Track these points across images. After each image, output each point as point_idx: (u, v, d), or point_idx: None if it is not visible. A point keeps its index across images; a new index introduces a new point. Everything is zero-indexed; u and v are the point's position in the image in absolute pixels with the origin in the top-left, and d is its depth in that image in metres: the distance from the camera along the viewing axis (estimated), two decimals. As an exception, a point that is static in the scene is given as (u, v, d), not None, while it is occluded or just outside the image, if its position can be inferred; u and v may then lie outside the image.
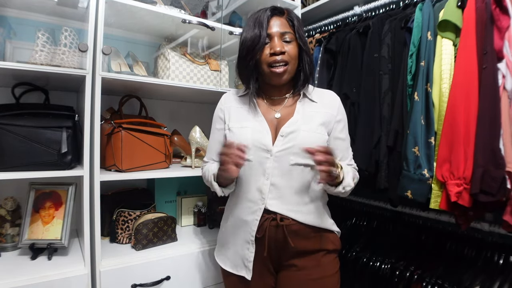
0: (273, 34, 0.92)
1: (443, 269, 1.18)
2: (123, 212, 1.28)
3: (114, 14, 1.21)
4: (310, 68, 0.97)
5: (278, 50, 0.90)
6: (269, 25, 0.93)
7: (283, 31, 0.92)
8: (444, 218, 1.22)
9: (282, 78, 0.94)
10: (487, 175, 0.91)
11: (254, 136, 0.93)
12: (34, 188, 1.15)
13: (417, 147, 1.05)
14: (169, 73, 1.31)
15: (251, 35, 0.92)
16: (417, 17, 1.12)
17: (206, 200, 1.60)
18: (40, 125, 1.02)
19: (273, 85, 0.98)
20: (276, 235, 0.91)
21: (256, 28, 0.92)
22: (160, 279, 1.14)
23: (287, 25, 0.94)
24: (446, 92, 1.03)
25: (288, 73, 0.94)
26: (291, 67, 0.93)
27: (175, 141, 1.47)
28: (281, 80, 0.94)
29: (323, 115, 0.97)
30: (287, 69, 0.93)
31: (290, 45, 0.93)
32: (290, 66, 0.93)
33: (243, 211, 0.95)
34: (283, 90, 1.00)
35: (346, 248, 1.41)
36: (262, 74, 0.96)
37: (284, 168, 0.91)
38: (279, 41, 0.92)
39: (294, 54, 0.93)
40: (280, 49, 0.90)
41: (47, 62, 1.02)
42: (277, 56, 0.91)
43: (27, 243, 1.09)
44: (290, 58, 0.92)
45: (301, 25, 0.97)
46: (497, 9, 0.97)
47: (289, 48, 0.92)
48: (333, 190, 0.91)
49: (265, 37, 0.91)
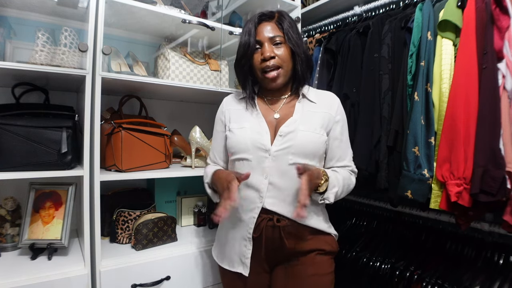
0: (263, 40, 0.95)
1: (443, 269, 1.18)
2: (123, 212, 1.28)
3: (114, 14, 1.21)
4: (305, 68, 0.98)
5: (268, 55, 0.93)
6: (258, 31, 0.96)
7: (272, 35, 0.94)
8: (444, 218, 1.22)
9: (276, 82, 0.95)
10: (487, 175, 0.91)
11: (253, 135, 0.94)
12: (34, 188, 1.15)
13: (417, 147, 1.05)
14: (169, 73, 1.31)
15: (243, 42, 0.97)
16: (417, 17, 1.12)
17: (206, 200, 1.60)
18: (40, 125, 1.02)
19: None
20: (273, 236, 0.92)
21: (246, 35, 0.96)
22: (160, 279, 1.13)
23: (277, 29, 0.96)
24: (446, 92, 1.03)
25: (282, 76, 0.95)
26: (284, 69, 0.95)
27: (175, 141, 1.47)
28: (276, 84, 0.96)
29: (322, 115, 0.97)
30: (280, 73, 0.94)
31: (281, 48, 0.94)
32: (284, 69, 0.95)
33: (241, 209, 0.96)
34: (282, 90, 1.01)
35: (346, 248, 1.41)
36: (258, 79, 0.99)
37: (282, 167, 0.92)
38: (269, 46, 0.94)
39: (286, 57, 0.94)
40: (269, 54, 0.93)
41: (47, 62, 1.02)
42: (268, 62, 0.93)
43: (27, 243, 1.09)
44: (281, 61, 0.94)
45: (293, 27, 0.97)
46: (497, 9, 0.97)
47: (280, 52, 0.94)
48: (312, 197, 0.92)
49: (254, 44, 0.95)
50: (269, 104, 1.01)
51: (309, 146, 0.92)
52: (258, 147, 0.93)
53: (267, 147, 0.92)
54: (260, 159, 0.93)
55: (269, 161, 0.92)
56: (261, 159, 0.92)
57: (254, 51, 0.95)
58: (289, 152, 0.91)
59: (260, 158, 0.93)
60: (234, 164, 0.99)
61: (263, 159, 0.92)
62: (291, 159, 0.91)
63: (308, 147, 0.92)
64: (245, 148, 0.94)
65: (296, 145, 0.91)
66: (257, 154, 0.93)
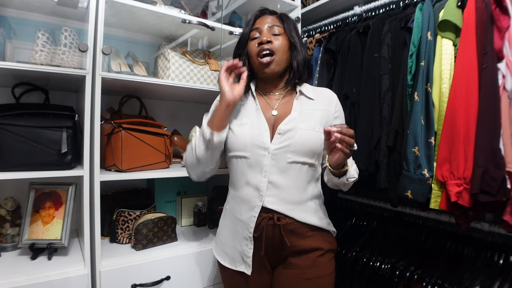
0: (261, 28, 0.97)
1: (443, 269, 1.18)
2: (123, 212, 1.28)
3: (114, 14, 1.21)
4: (302, 64, 0.98)
5: (265, 39, 0.95)
6: (258, 21, 0.99)
7: (271, 24, 0.97)
8: (444, 218, 1.22)
9: (270, 67, 0.96)
10: (487, 175, 0.91)
11: (252, 133, 0.94)
12: (34, 188, 1.15)
13: (417, 147, 1.05)
14: (169, 73, 1.31)
15: (243, 32, 1.02)
16: (417, 17, 1.11)
17: (206, 200, 1.60)
18: (40, 125, 1.02)
19: (267, 80, 1.01)
20: (273, 235, 0.92)
21: (246, 25, 1.01)
22: (160, 279, 1.14)
23: (277, 21, 0.99)
24: (446, 92, 1.03)
25: (276, 64, 0.96)
26: (278, 57, 0.96)
27: (175, 141, 1.47)
28: (269, 69, 0.96)
29: (321, 112, 0.97)
30: (273, 59, 0.95)
31: (278, 38, 0.97)
32: (278, 57, 0.95)
33: (241, 208, 0.96)
34: (277, 84, 1.02)
35: (346, 248, 1.41)
36: (254, 68, 1.00)
37: (282, 166, 0.92)
38: (268, 33, 0.97)
39: (282, 46, 0.96)
40: (266, 38, 0.95)
41: (47, 62, 1.02)
42: (264, 45, 0.95)
43: (27, 243, 1.09)
44: (276, 49, 0.95)
45: (293, 25, 1.00)
46: (497, 9, 0.97)
47: (278, 41, 0.96)
48: (336, 180, 0.93)
49: (250, 30, 0.98)
50: (266, 101, 1.01)
51: (307, 144, 0.92)
52: (257, 145, 0.92)
53: (266, 145, 0.92)
54: (259, 157, 0.92)
55: (267, 159, 0.92)
56: (259, 157, 0.92)
57: (252, 39, 0.98)
58: (287, 151, 0.91)
59: (258, 156, 0.92)
60: (231, 162, 0.99)
61: (262, 157, 0.92)
62: (290, 157, 0.91)
63: (306, 145, 0.92)
64: (243, 145, 0.94)
65: (295, 143, 0.91)
66: (255, 152, 0.93)
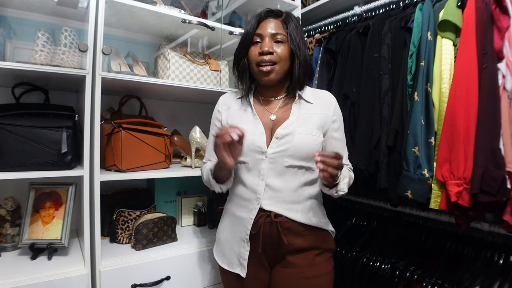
0: (264, 35, 0.94)
1: (443, 269, 1.18)
2: (123, 212, 1.28)
3: (114, 14, 1.21)
4: (303, 72, 0.95)
5: (266, 50, 0.92)
6: (261, 25, 0.95)
7: (274, 32, 0.93)
8: (444, 218, 1.22)
9: (269, 77, 0.94)
10: (487, 175, 0.91)
11: (249, 137, 0.93)
12: (34, 188, 1.15)
13: (417, 147, 1.05)
14: (169, 73, 1.31)
15: (244, 34, 0.97)
16: (417, 17, 1.11)
17: (206, 200, 1.60)
18: (40, 125, 1.02)
19: (266, 86, 0.99)
20: (271, 232, 0.92)
21: (249, 27, 0.96)
22: (160, 279, 1.14)
23: (281, 27, 0.95)
24: (446, 92, 1.03)
25: (276, 73, 0.94)
26: (279, 67, 0.93)
27: (175, 141, 1.47)
28: (269, 78, 0.94)
29: (319, 116, 0.97)
30: (274, 69, 0.93)
31: (281, 46, 0.93)
32: (279, 67, 0.93)
33: (239, 210, 0.96)
34: (277, 90, 1.00)
35: (346, 248, 1.41)
36: (253, 73, 0.98)
37: (279, 169, 0.92)
38: (270, 41, 0.93)
39: (284, 56, 0.93)
40: (267, 49, 0.92)
41: (47, 62, 1.02)
42: (265, 56, 0.92)
43: (27, 243, 1.09)
44: (278, 59, 0.93)
45: (297, 29, 0.96)
46: (497, 9, 0.97)
47: (279, 49, 0.93)
48: (326, 191, 0.93)
49: (252, 34, 0.94)
50: (264, 105, 1.00)
51: (305, 149, 0.92)
52: (255, 150, 0.93)
53: (263, 149, 0.92)
54: (257, 161, 0.93)
55: (265, 163, 0.92)
56: (257, 161, 0.93)
57: (254, 43, 0.95)
58: (285, 155, 0.92)
59: (256, 160, 0.93)
60: None
61: (260, 161, 0.93)
62: (287, 161, 0.92)
63: (304, 149, 0.92)
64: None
65: (293, 148, 0.91)
66: (253, 157, 0.93)
